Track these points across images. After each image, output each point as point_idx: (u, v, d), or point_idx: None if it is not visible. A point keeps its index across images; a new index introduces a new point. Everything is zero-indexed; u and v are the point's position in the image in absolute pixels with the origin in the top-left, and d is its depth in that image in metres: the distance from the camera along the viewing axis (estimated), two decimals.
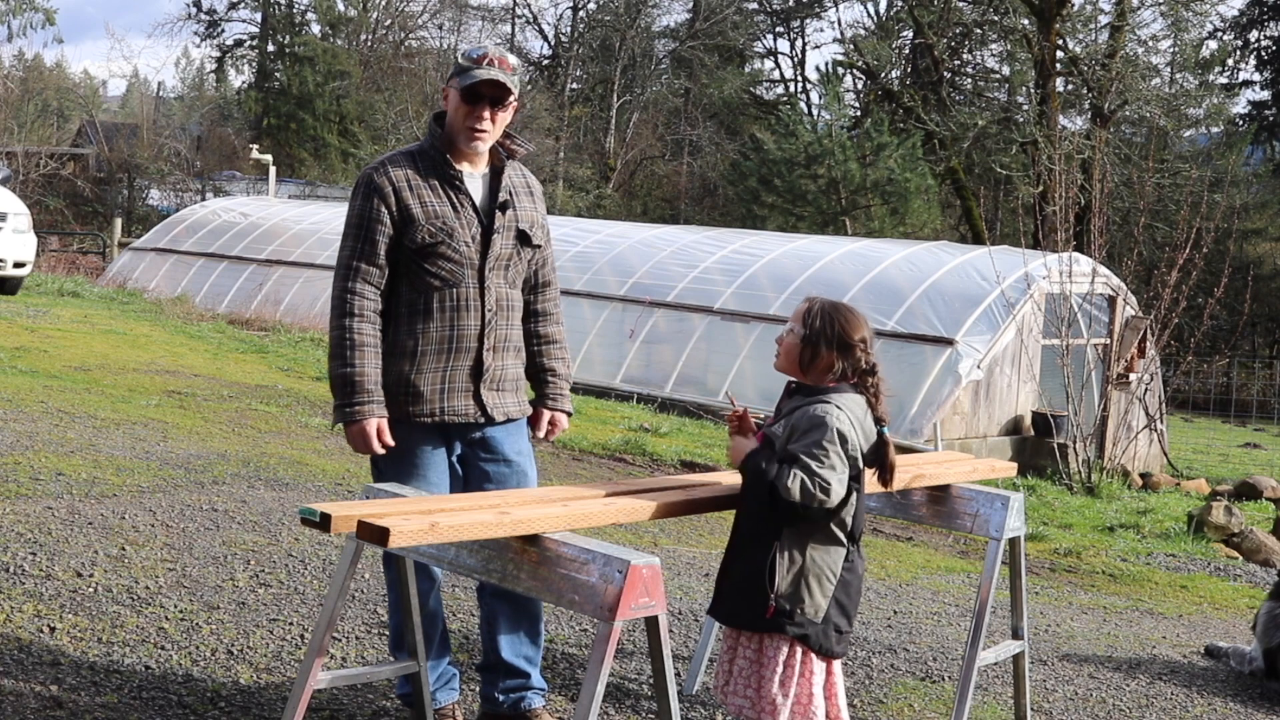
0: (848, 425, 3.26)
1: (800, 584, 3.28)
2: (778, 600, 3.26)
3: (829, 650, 3.33)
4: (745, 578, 3.33)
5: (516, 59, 3.75)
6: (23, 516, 5.42)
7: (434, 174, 3.71)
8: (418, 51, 42.43)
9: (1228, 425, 24.66)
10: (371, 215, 3.66)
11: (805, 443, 3.23)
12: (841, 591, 3.33)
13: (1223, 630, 6.54)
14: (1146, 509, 10.52)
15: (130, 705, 3.75)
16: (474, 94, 3.64)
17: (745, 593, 3.33)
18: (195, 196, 32.25)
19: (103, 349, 11.57)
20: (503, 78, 3.63)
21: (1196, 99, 33.37)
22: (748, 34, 40.44)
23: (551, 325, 3.97)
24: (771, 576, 3.26)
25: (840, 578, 3.33)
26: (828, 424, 3.23)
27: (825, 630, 3.31)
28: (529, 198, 3.86)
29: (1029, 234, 13.98)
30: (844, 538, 3.33)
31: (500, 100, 3.67)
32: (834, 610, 3.32)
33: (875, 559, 7.34)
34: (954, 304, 12.89)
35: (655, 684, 3.10)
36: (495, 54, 3.67)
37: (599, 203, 34.15)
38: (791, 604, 3.28)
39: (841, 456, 3.24)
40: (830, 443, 3.22)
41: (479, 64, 3.64)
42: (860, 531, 3.40)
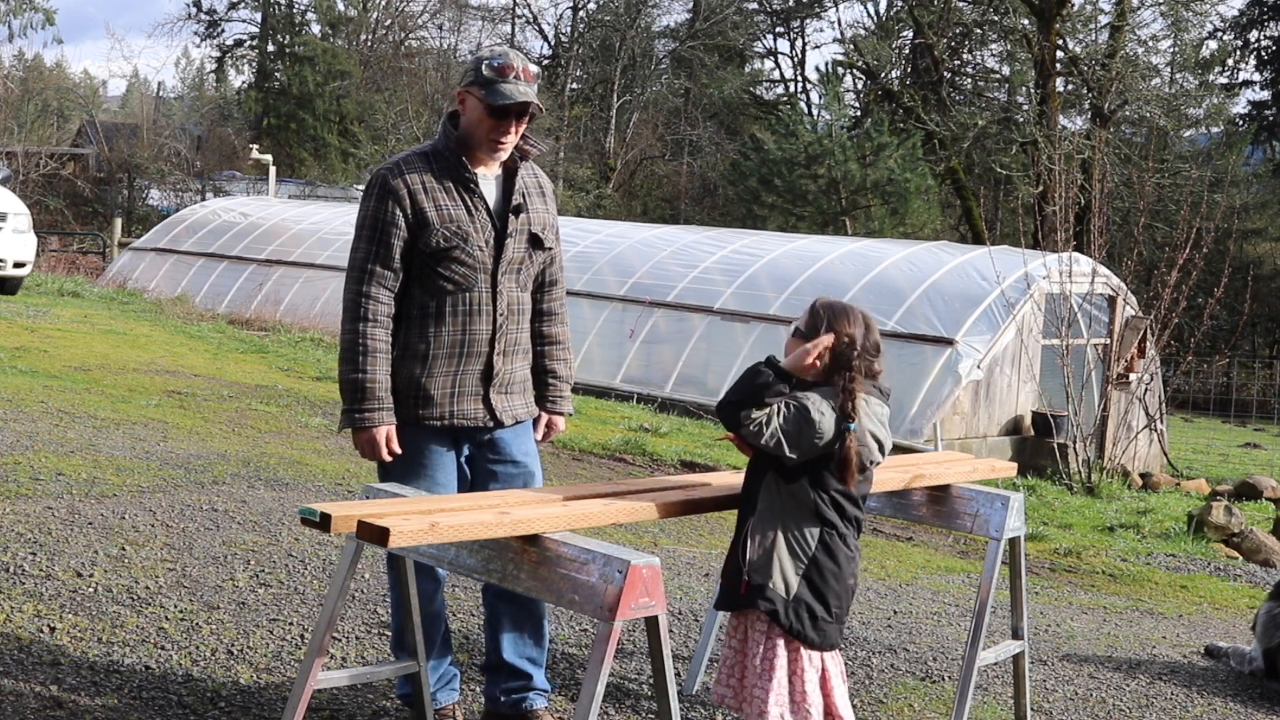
0: (817, 413, 3.30)
1: (771, 559, 3.33)
2: (750, 575, 3.31)
3: (802, 635, 3.32)
4: (731, 560, 3.43)
5: (536, 67, 3.74)
6: (23, 516, 5.42)
7: (449, 176, 3.68)
8: (418, 51, 42.45)
9: (1228, 425, 24.66)
10: (386, 218, 3.63)
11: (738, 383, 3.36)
12: (815, 572, 3.34)
13: (1223, 630, 6.54)
14: (1146, 509, 10.52)
15: (130, 705, 3.75)
16: (504, 111, 3.62)
17: (728, 574, 3.42)
18: (195, 196, 32.26)
19: (103, 349, 11.57)
20: (533, 95, 3.62)
21: (1196, 99, 33.38)
22: (748, 34, 40.43)
23: (556, 325, 3.96)
24: (744, 551, 3.32)
25: (813, 557, 3.35)
26: (804, 404, 3.30)
27: (796, 610, 3.32)
28: (541, 199, 3.84)
29: (1029, 234, 13.99)
30: (816, 517, 3.35)
31: (524, 113, 3.65)
32: (805, 590, 3.33)
33: (875, 559, 7.34)
34: (954, 304, 12.89)
35: (655, 684, 3.10)
36: (519, 65, 3.63)
37: (599, 203, 34.15)
38: (761, 578, 3.32)
39: (794, 422, 3.28)
40: (795, 406, 3.29)
41: (505, 76, 3.60)
42: (840, 518, 3.39)
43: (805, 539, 3.35)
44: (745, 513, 3.43)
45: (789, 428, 3.27)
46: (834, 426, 3.31)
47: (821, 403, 3.30)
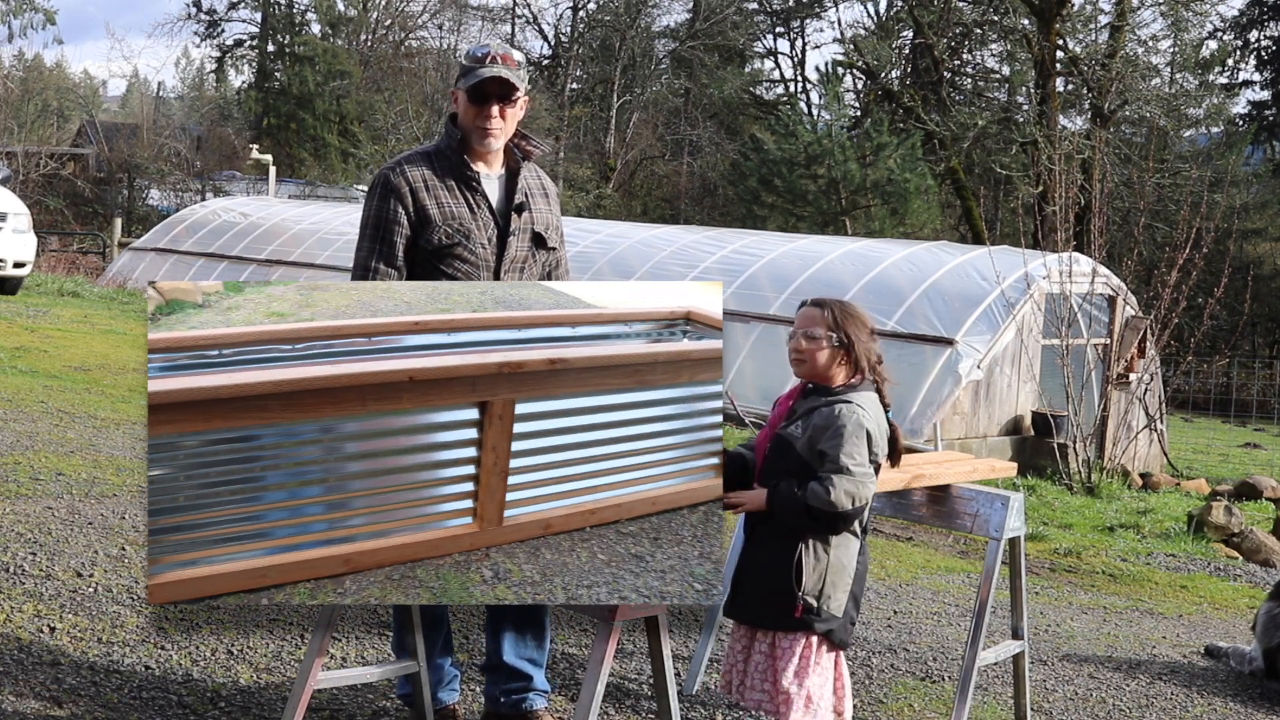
0: (873, 425, 3.32)
1: (825, 582, 3.33)
2: (804, 599, 3.31)
3: (844, 642, 3.42)
4: (770, 577, 3.37)
5: (520, 54, 3.74)
6: (23, 516, 5.42)
7: (451, 174, 3.68)
8: (418, 51, 42.41)
9: (1228, 425, 24.63)
10: (388, 216, 3.63)
11: (836, 444, 3.26)
12: (857, 584, 3.43)
13: (1223, 630, 6.54)
14: (1146, 509, 10.52)
15: (130, 705, 3.75)
16: (480, 93, 3.61)
17: (772, 592, 3.36)
18: (195, 196, 32.23)
19: (103, 349, 11.57)
20: (507, 74, 3.60)
21: (1196, 99, 33.35)
22: (748, 34, 40.40)
23: None
24: (799, 576, 3.30)
25: (856, 571, 3.41)
26: (860, 425, 3.29)
27: (845, 625, 3.40)
28: (544, 199, 3.84)
29: (1029, 234, 13.97)
30: (859, 531, 3.39)
31: (508, 97, 3.64)
32: (850, 604, 3.39)
33: (875, 559, 7.34)
34: (954, 304, 12.89)
35: (655, 684, 3.10)
36: (498, 50, 3.64)
37: (599, 203, 34.14)
38: (818, 602, 3.33)
39: (868, 456, 3.31)
40: (861, 442, 3.29)
41: (482, 63, 3.61)
42: (870, 523, 3.47)
43: (850, 556, 3.38)
44: (773, 528, 3.38)
45: (863, 469, 3.30)
46: (885, 423, 3.40)
47: (867, 416, 3.33)
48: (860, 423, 3.29)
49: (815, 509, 3.23)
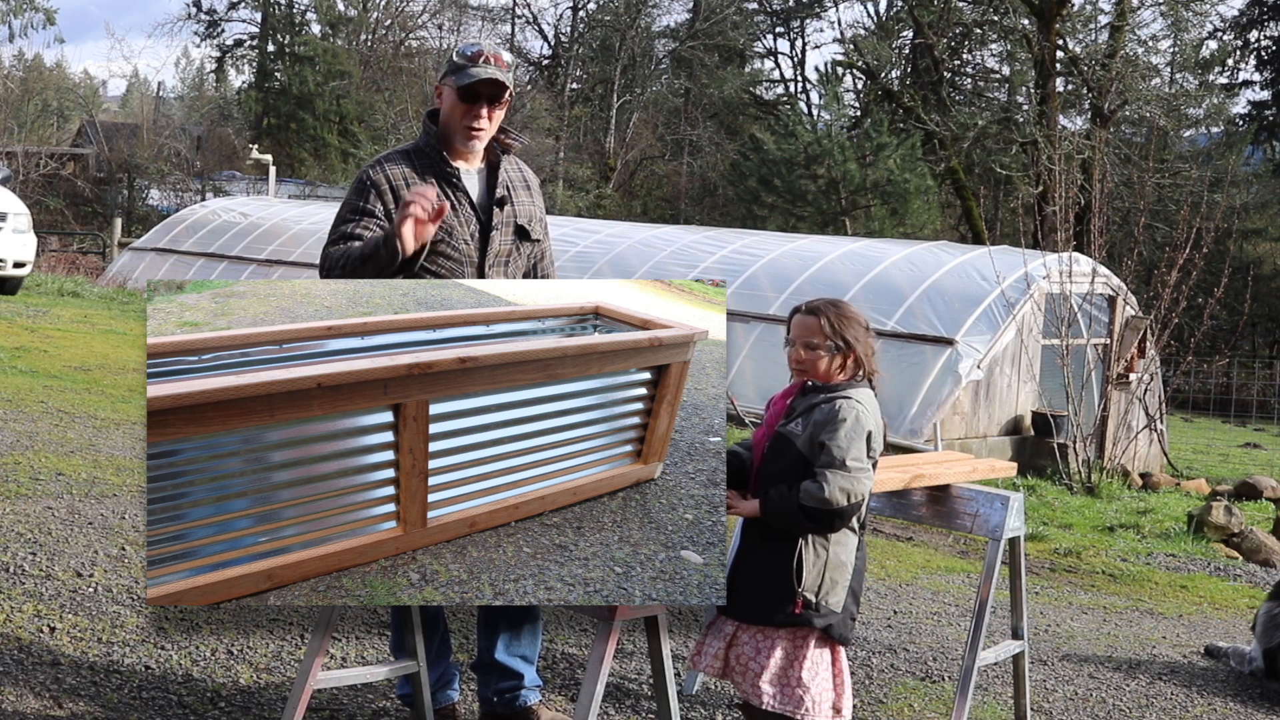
0: (873, 423, 3.33)
1: (824, 578, 3.34)
2: (804, 595, 3.31)
3: (845, 638, 3.41)
4: (768, 575, 3.37)
5: (510, 55, 3.73)
6: (23, 516, 5.42)
7: (431, 171, 3.68)
8: (418, 51, 42.39)
9: (1228, 425, 24.63)
10: (362, 207, 3.63)
11: (835, 439, 3.27)
12: (856, 579, 3.44)
13: (1223, 630, 6.54)
14: (1146, 509, 10.52)
15: (130, 705, 3.75)
16: (472, 93, 3.61)
17: (771, 589, 3.36)
18: (195, 196, 32.23)
19: (103, 349, 11.57)
20: (500, 76, 3.60)
21: (1196, 99, 33.35)
22: (748, 34, 40.39)
23: None
24: (799, 573, 3.31)
25: (855, 567, 3.42)
26: (860, 421, 3.29)
27: (845, 620, 3.40)
28: (526, 192, 3.84)
29: (1029, 234, 13.97)
30: (858, 527, 3.39)
31: (498, 98, 3.65)
32: (850, 600, 3.40)
33: (875, 559, 7.34)
34: (954, 304, 12.89)
35: (655, 684, 3.10)
36: (490, 50, 3.64)
37: (599, 203, 34.14)
38: (818, 597, 3.34)
39: (867, 452, 3.32)
40: (861, 439, 3.30)
41: (474, 61, 3.60)
42: (868, 519, 3.48)
43: (849, 552, 3.38)
44: (769, 527, 3.37)
45: (862, 466, 3.31)
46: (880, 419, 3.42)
47: (867, 413, 3.34)
48: (861, 419, 3.29)
49: (810, 508, 3.23)
